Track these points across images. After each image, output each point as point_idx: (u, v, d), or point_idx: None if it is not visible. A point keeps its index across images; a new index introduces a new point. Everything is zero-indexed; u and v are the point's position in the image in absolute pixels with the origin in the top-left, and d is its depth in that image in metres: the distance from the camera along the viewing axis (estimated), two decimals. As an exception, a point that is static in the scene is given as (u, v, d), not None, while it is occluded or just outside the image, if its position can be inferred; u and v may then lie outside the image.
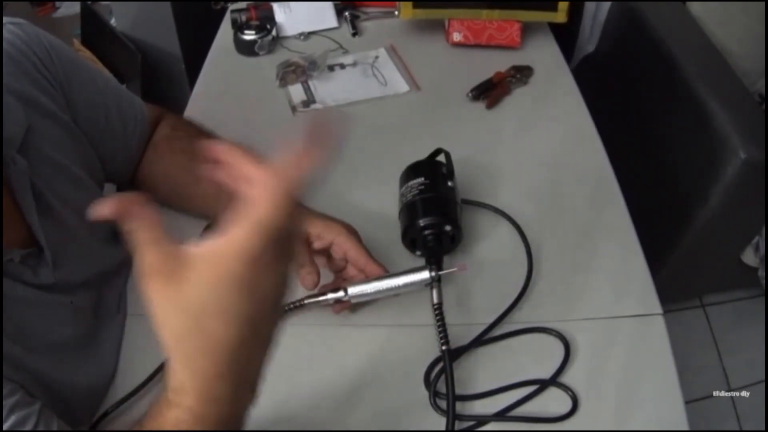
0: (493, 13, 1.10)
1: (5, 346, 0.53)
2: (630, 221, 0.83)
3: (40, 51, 0.64)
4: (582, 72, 1.58)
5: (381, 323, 0.73)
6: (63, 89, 0.66)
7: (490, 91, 1.04)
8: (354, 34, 1.19)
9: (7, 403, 0.50)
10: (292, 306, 0.70)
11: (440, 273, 0.67)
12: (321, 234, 0.71)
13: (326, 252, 0.73)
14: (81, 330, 0.66)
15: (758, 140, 1.10)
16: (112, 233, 0.75)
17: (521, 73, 1.07)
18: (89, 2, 1.83)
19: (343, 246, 0.71)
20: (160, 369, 0.67)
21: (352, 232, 0.72)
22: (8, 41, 0.62)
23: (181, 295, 0.36)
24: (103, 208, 0.36)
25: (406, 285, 0.67)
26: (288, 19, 1.20)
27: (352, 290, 0.68)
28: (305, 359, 0.70)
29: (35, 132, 0.60)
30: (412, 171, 0.80)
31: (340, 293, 0.68)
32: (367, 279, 0.69)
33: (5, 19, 0.63)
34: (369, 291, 0.68)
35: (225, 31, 1.21)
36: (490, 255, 0.79)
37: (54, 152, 0.63)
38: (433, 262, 0.70)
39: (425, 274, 0.67)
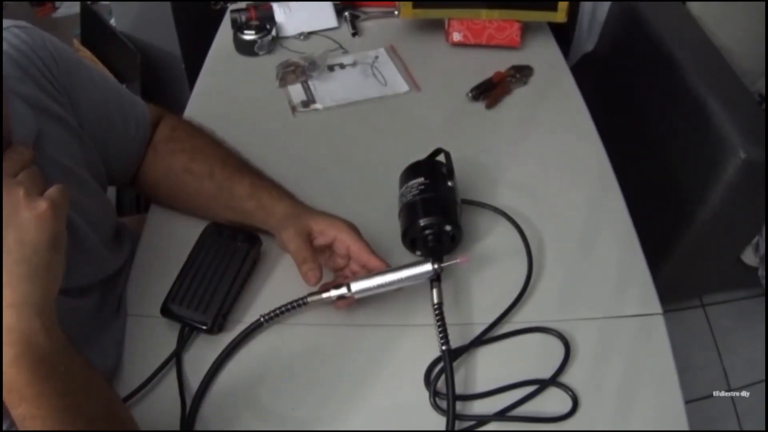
0: (493, 13, 1.10)
1: None
2: (630, 221, 0.83)
3: (45, 56, 0.64)
4: (582, 72, 1.57)
5: (381, 323, 0.73)
6: (67, 93, 0.66)
7: (490, 91, 1.04)
8: (354, 34, 1.19)
9: None
10: (295, 305, 0.70)
11: (443, 265, 0.67)
12: (323, 231, 0.71)
13: (328, 249, 0.73)
14: (83, 331, 0.66)
15: (758, 140, 1.10)
16: (114, 238, 0.75)
17: (521, 73, 1.07)
18: (89, 2, 1.83)
19: (346, 242, 0.71)
20: (161, 369, 0.68)
21: (353, 228, 0.72)
22: (14, 46, 0.62)
23: None
24: None
25: (408, 278, 0.68)
26: (288, 19, 1.20)
27: (355, 286, 0.68)
28: (305, 359, 0.70)
29: (44, 137, 0.61)
30: (412, 171, 0.80)
31: (343, 290, 0.68)
32: (370, 274, 0.69)
33: (10, 23, 0.63)
34: (372, 286, 0.68)
35: (225, 31, 1.21)
36: (490, 255, 0.79)
37: (62, 157, 0.63)
38: (435, 259, 0.70)
39: (428, 267, 0.67)
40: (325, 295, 0.69)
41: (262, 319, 0.70)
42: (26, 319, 0.46)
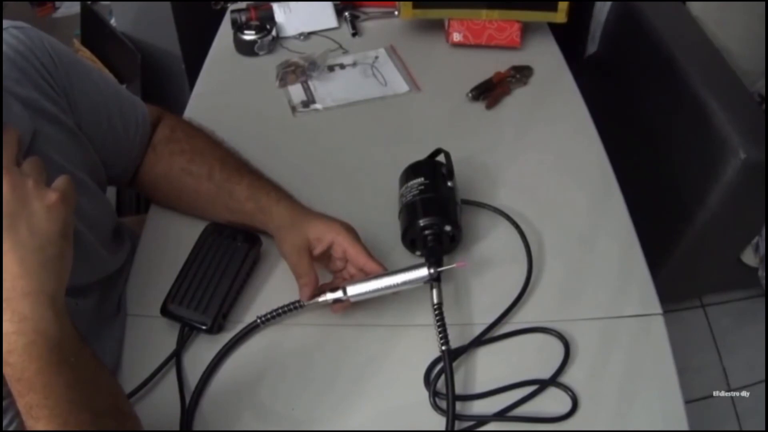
0: (493, 14, 1.10)
1: None
2: (630, 221, 0.83)
3: (44, 56, 0.64)
4: (582, 72, 1.57)
5: (381, 323, 0.73)
6: (66, 94, 0.66)
7: (490, 91, 1.04)
8: (354, 35, 1.19)
9: None
10: (291, 307, 0.70)
11: (439, 270, 0.67)
12: (321, 236, 0.71)
13: (327, 253, 0.73)
14: (83, 330, 0.66)
15: (758, 140, 1.10)
16: (114, 238, 0.76)
17: (521, 73, 1.07)
18: (89, 2, 1.83)
19: (343, 245, 0.71)
20: (161, 368, 0.68)
21: (350, 230, 0.72)
22: (12, 47, 0.62)
23: None
24: None
25: (404, 283, 0.68)
26: (288, 19, 1.20)
27: (351, 289, 0.68)
28: (305, 359, 0.70)
29: (41, 137, 0.61)
30: (412, 171, 0.80)
31: (339, 293, 0.68)
32: (366, 277, 0.69)
33: (8, 23, 0.63)
34: (368, 290, 0.68)
35: (225, 31, 1.21)
36: (490, 255, 0.79)
37: (59, 157, 0.63)
38: (433, 262, 0.70)
39: (424, 272, 0.67)
40: (321, 298, 0.69)
41: (258, 321, 0.70)
42: (41, 308, 0.46)
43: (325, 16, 1.21)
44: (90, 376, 0.50)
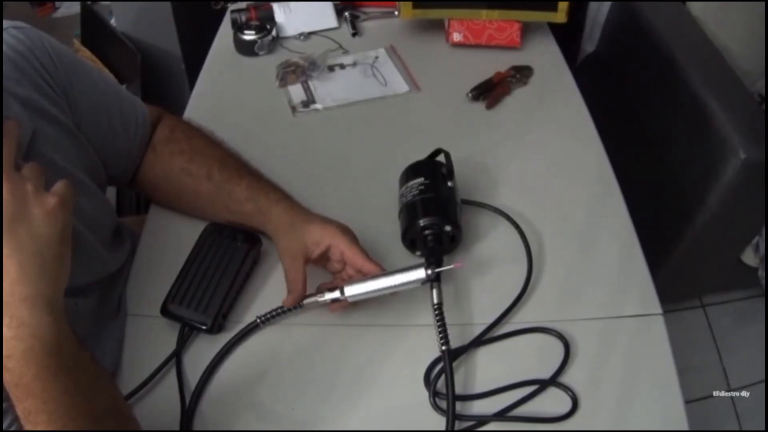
0: (493, 14, 1.10)
1: None
2: (630, 221, 0.83)
3: (43, 56, 0.64)
4: (582, 72, 1.57)
5: (381, 323, 0.73)
6: (65, 94, 0.66)
7: (490, 91, 1.04)
8: (354, 35, 1.19)
9: None
10: (291, 307, 0.70)
11: (436, 270, 0.68)
12: (318, 240, 0.71)
13: (325, 255, 0.73)
14: (83, 331, 0.66)
15: (758, 140, 1.10)
16: (114, 238, 0.76)
17: (521, 73, 1.07)
18: (89, 2, 1.83)
19: (340, 247, 0.71)
20: (161, 368, 0.68)
21: (347, 233, 0.72)
22: (11, 46, 0.62)
23: None
24: None
25: (402, 284, 0.68)
26: (288, 19, 1.20)
27: (349, 290, 0.68)
28: (305, 359, 0.70)
29: (40, 137, 0.61)
30: (412, 171, 0.80)
31: (336, 293, 0.68)
32: (364, 278, 0.69)
33: (8, 23, 0.63)
34: (365, 290, 0.68)
35: (225, 31, 1.21)
36: (490, 255, 0.79)
37: (59, 157, 0.63)
38: (433, 262, 0.70)
39: (421, 273, 0.67)
40: (320, 298, 0.69)
41: (258, 321, 0.70)
42: (39, 313, 0.46)
43: (325, 16, 1.21)
44: (88, 380, 0.50)
